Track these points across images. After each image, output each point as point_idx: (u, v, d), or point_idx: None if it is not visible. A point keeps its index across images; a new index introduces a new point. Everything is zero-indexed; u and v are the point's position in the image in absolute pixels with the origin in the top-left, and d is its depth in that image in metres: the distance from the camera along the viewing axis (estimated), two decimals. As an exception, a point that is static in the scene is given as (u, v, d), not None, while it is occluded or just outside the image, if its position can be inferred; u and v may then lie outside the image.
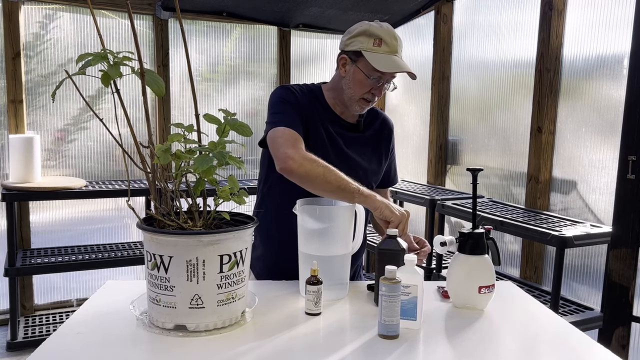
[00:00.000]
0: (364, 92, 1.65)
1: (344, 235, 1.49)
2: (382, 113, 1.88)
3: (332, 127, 1.72)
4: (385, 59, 1.61)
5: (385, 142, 1.85)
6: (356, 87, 1.65)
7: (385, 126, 1.85)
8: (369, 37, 1.62)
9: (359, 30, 1.65)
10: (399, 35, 1.66)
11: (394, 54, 1.62)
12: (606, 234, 2.41)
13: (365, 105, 1.69)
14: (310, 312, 1.37)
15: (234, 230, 1.25)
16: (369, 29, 1.63)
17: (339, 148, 1.72)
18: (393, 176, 1.93)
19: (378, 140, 1.82)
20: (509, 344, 1.28)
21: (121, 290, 1.54)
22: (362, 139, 1.78)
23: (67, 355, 1.15)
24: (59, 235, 3.59)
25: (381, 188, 1.88)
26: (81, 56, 1.16)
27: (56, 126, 3.54)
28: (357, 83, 1.65)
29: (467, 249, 1.44)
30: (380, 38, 1.61)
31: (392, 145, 1.88)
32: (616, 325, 2.42)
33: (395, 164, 1.93)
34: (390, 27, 1.65)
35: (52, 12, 3.45)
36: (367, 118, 1.81)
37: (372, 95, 1.67)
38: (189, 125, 1.27)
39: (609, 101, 2.58)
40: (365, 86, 1.65)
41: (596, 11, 2.65)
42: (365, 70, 1.63)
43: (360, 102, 1.67)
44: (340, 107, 1.74)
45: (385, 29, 1.63)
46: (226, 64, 4.00)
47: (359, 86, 1.65)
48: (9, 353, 3.06)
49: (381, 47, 1.61)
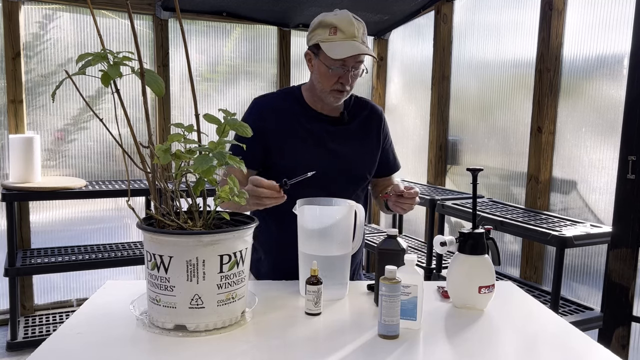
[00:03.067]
0: (332, 83, 1.64)
1: (344, 235, 1.49)
2: (369, 102, 1.86)
3: (314, 125, 1.72)
4: (341, 46, 1.59)
5: (376, 131, 1.82)
6: (323, 80, 1.65)
7: (373, 115, 1.83)
8: (325, 28, 1.62)
9: (315, 24, 1.66)
10: (360, 20, 1.64)
11: (350, 39, 1.60)
12: (606, 234, 2.41)
13: (339, 96, 1.67)
14: (310, 312, 1.37)
15: (234, 230, 1.25)
16: (324, 19, 1.63)
17: (324, 145, 1.71)
18: (393, 163, 1.91)
19: (366, 130, 1.80)
20: (509, 344, 1.28)
21: (121, 290, 1.54)
22: (348, 131, 1.76)
23: (67, 356, 1.15)
24: (59, 235, 3.59)
25: (384, 177, 1.88)
26: (81, 56, 1.16)
27: (56, 126, 3.54)
28: (323, 76, 1.65)
29: (467, 249, 1.44)
30: (334, 26, 1.60)
31: (384, 133, 1.85)
32: (616, 325, 2.42)
33: (393, 150, 1.91)
34: (348, 12, 1.64)
35: (52, 12, 3.45)
36: (352, 109, 1.79)
37: (342, 85, 1.64)
38: (189, 125, 1.26)
39: (609, 101, 2.58)
40: (331, 77, 1.63)
41: (596, 11, 2.65)
42: (326, 62, 1.62)
43: (332, 93, 1.66)
44: (320, 104, 1.73)
45: (340, 16, 1.62)
46: (226, 64, 4.00)
47: (326, 78, 1.65)
48: (9, 353, 3.06)
49: (337, 35, 1.60)
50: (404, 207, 1.64)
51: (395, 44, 4.37)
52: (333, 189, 1.68)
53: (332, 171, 1.70)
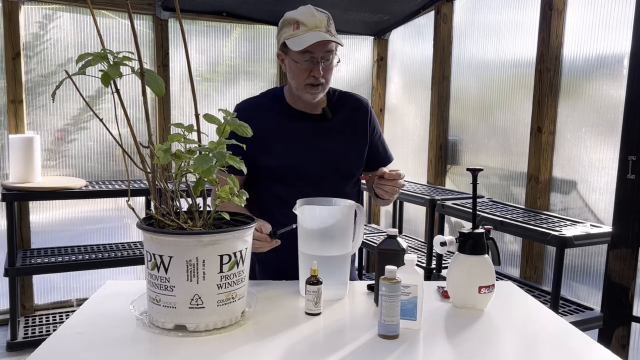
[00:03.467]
0: (304, 78, 1.64)
1: (344, 235, 1.49)
2: (353, 95, 1.84)
3: (297, 125, 1.71)
4: (304, 38, 1.59)
5: (362, 124, 1.79)
6: (295, 76, 1.66)
7: (359, 108, 1.81)
8: (289, 25, 1.63)
9: (280, 23, 1.67)
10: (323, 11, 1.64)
11: (313, 30, 1.60)
12: (606, 234, 2.41)
13: (314, 91, 1.65)
14: (310, 312, 1.37)
15: (234, 230, 1.25)
16: (287, 17, 1.64)
17: (308, 143, 1.71)
18: (384, 155, 1.87)
19: (352, 123, 1.78)
20: (509, 344, 1.28)
21: (121, 290, 1.54)
22: (332, 127, 1.75)
23: (67, 355, 1.15)
24: (59, 235, 3.59)
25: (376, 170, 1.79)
26: (81, 56, 1.16)
27: (56, 126, 3.54)
28: (294, 72, 1.65)
29: (467, 249, 1.44)
30: (296, 21, 1.61)
31: (372, 125, 1.82)
32: (616, 325, 2.42)
33: (383, 142, 1.87)
34: (310, 6, 1.64)
35: (52, 12, 3.45)
36: (335, 104, 1.78)
37: (315, 78, 1.63)
38: (189, 125, 1.26)
39: (609, 101, 2.58)
40: (302, 72, 1.63)
41: (596, 11, 2.65)
42: (294, 57, 1.63)
43: (307, 88, 1.65)
44: (301, 102, 1.73)
45: (301, 10, 1.62)
46: (226, 64, 4.00)
47: (297, 74, 1.65)
48: (9, 353, 3.06)
49: (299, 29, 1.61)
50: (385, 189, 1.60)
51: (395, 44, 4.37)
52: (321, 187, 1.66)
53: (318, 169, 1.69)
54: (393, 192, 1.62)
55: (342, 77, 4.35)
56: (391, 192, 1.62)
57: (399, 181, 1.59)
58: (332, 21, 1.65)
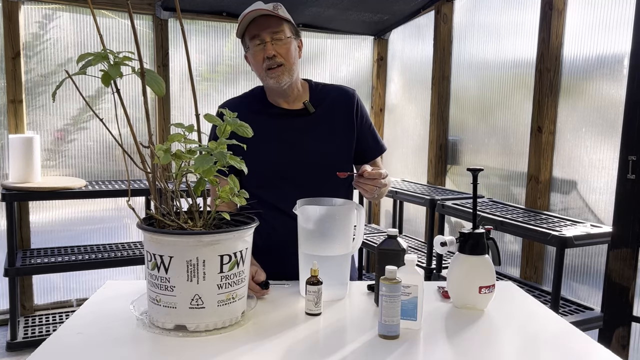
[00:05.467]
0: (260, 64, 1.64)
1: (344, 235, 1.49)
2: (337, 86, 1.79)
3: (278, 122, 1.69)
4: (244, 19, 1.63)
5: (346, 114, 1.73)
6: (254, 66, 1.68)
7: (342, 97, 1.75)
8: (239, 22, 1.65)
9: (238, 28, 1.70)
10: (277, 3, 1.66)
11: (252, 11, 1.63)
12: (606, 234, 2.41)
13: (274, 74, 1.63)
14: (310, 312, 1.37)
15: (234, 230, 1.25)
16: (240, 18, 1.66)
17: (291, 140, 1.68)
18: (375, 145, 1.79)
19: (336, 115, 1.72)
20: (509, 344, 1.28)
21: (121, 290, 1.54)
22: (314, 120, 1.70)
23: (67, 356, 1.15)
24: (59, 235, 3.59)
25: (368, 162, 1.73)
26: (82, 56, 1.16)
27: (56, 126, 3.54)
28: (252, 62, 1.68)
29: (467, 249, 1.44)
30: (242, 16, 1.63)
31: (359, 114, 1.75)
32: (616, 325, 2.42)
33: (373, 132, 1.80)
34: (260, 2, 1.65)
35: (52, 12, 3.45)
36: (318, 96, 1.74)
37: (269, 60, 1.61)
38: (189, 125, 1.26)
39: (609, 101, 2.58)
40: (257, 58, 1.64)
41: (596, 11, 2.65)
42: (249, 48, 1.66)
43: (267, 74, 1.64)
44: (281, 98, 1.71)
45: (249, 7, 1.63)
46: (226, 63, 4.00)
47: (254, 62, 1.67)
48: (8, 353, 3.06)
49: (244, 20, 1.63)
50: (364, 188, 1.54)
51: (395, 44, 4.37)
52: (308, 184, 1.64)
53: (302, 166, 1.66)
54: (372, 192, 1.55)
55: (342, 77, 4.35)
56: (370, 192, 1.55)
57: (379, 180, 1.52)
58: (281, 7, 1.66)
